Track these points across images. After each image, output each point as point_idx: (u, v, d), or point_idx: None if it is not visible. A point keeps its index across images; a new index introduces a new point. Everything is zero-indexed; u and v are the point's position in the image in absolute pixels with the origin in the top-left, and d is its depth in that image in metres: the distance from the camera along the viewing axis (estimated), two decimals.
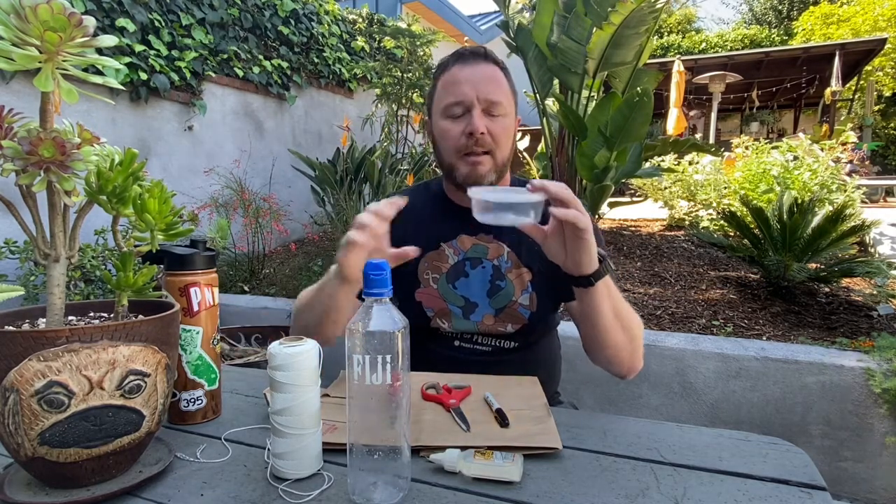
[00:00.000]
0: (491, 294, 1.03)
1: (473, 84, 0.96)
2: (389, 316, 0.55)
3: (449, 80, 0.99)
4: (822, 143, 4.28)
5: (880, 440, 1.74)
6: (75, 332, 0.52)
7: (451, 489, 0.59)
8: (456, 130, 0.98)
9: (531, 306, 1.03)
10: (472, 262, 1.04)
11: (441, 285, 1.04)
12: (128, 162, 0.58)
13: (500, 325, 1.03)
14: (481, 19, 10.60)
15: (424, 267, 1.05)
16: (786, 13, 18.59)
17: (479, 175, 0.98)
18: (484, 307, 1.03)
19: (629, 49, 3.13)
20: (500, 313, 1.03)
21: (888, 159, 13.24)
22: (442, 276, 1.04)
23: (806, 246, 2.62)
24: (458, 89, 0.97)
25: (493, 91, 0.97)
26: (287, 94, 4.58)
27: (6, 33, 0.49)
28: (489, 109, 0.97)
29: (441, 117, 1.00)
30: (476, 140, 0.96)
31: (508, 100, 0.99)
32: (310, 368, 0.60)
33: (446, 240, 1.05)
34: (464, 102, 0.96)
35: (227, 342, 2.40)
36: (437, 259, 1.05)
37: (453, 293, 1.04)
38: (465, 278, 1.04)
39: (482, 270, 1.03)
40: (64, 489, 0.57)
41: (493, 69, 0.99)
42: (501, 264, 1.03)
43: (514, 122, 1.02)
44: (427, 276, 1.05)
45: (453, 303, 1.04)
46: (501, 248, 1.04)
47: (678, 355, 1.96)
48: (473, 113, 0.95)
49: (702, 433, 0.73)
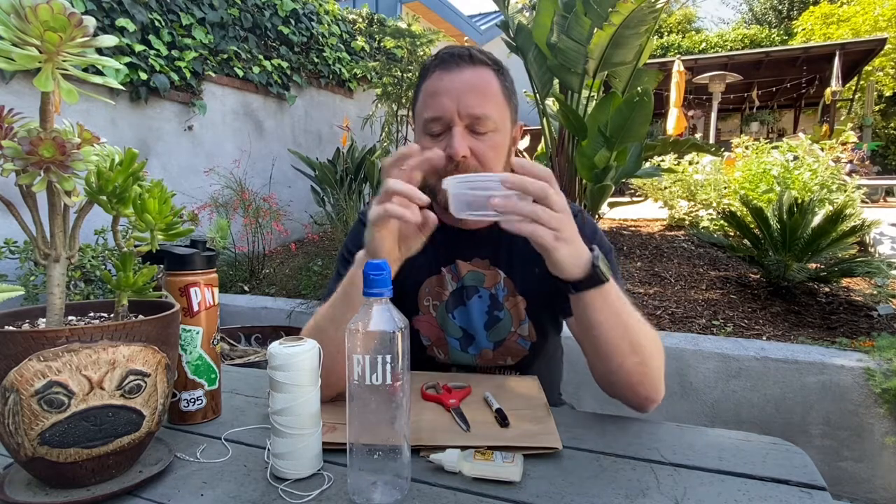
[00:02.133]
0: (489, 326, 0.96)
1: (454, 96, 0.82)
2: (389, 316, 0.55)
3: (429, 90, 0.86)
4: (822, 143, 4.28)
5: (880, 440, 1.74)
6: (75, 332, 0.52)
7: (451, 489, 0.58)
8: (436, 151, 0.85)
9: (530, 336, 0.96)
10: (469, 291, 0.96)
11: (440, 314, 0.97)
12: (128, 162, 0.58)
13: (499, 358, 0.97)
14: (481, 19, 10.61)
15: (425, 293, 0.98)
16: (786, 13, 18.60)
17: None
18: (482, 340, 0.97)
19: (629, 49, 3.13)
20: (498, 347, 0.96)
21: (888, 159, 13.25)
22: (441, 305, 0.97)
23: (806, 246, 2.62)
24: (436, 102, 0.83)
25: (477, 104, 0.82)
26: (287, 94, 4.58)
27: (6, 33, 0.49)
28: (473, 126, 0.83)
29: (421, 133, 0.87)
30: (457, 165, 0.82)
31: (500, 110, 0.85)
32: (309, 368, 0.60)
33: (445, 264, 0.96)
34: (443, 119, 0.83)
35: (227, 342, 2.40)
36: (439, 285, 0.97)
37: (452, 323, 0.97)
38: (463, 307, 0.97)
39: (479, 300, 0.96)
40: (64, 489, 0.57)
41: (480, 74, 0.85)
42: (499, 293, 0.96)
43: (506, 136, 0.88)
44: (427, 303, 0.98)
45: (451, 334, 0.97)
46: (498, 276, 0.95)
47: (678, 355, 1.96)
48: (454, 132, 0.82)
49: (702, 433, 0.73)
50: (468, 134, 0.84)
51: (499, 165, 0.87)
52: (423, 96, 0.87)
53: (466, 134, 0.83)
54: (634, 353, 0.75)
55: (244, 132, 4.28)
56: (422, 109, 0.87)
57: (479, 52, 0.88)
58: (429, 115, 0.85)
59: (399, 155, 0.73)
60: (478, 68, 0.85)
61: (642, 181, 4.35)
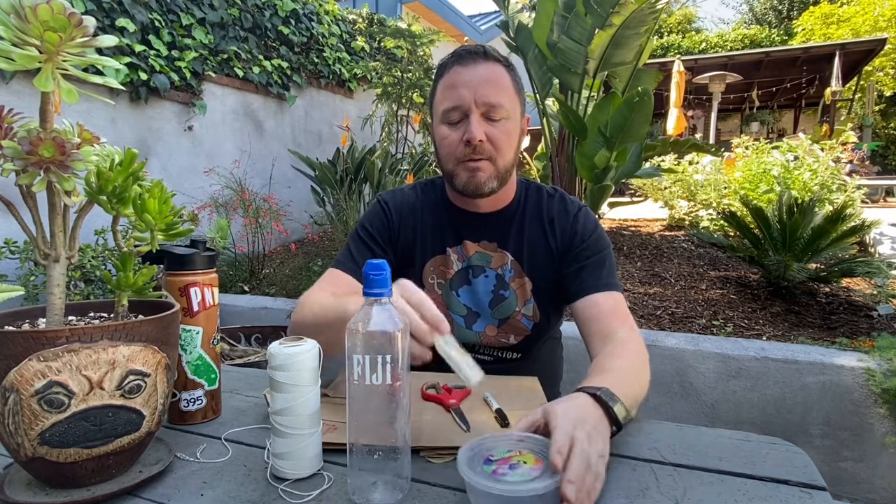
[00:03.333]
0: (493, 304, 1.01)
1: (471, 87, 0.90)
2: (389, 316, 0.55)
3: (447, 83, 0.94)
4: (822, 143, 4.28)
5: (880, 440, 1.74)
6: (75, 332, 0.52)
7: (451, 489, 0.58)
8: (454, 137, 0.93)
9: (534, 317, 1.01)
10: (476, 271, 1.01)
11: (445, 292, 1.02)
12: (128, 162, 0.58)
13: (502, 336, 1.01)
14: (481, 19, 10.60)
15: (430, 271, 1.03)
16: (786, 13, 18.60)
17: (479, 182, 0.93)
18: (486, 317, 1.01)
19: (629, 49, 3.13)
20: (502, 324, 1.01)
21: (888, 159, 13.24)
22: (446, 283, 1.02)
23: (806, 246, 2.62)
24: (454, 93, 0.92)
25: (492, 93, 0.91)
26: (287, 94, 4.57)
27: (6, 33, 0.49)
28: (488, 113, 0.91)
29: (440, 122, 0.95)
30: (474, 148, 0.91)
31: (511, 101, 0.93)
32: (309, 368, 0.60)
33: (451, 245, 1.02)
34: (461, 107, 0.91)
35: (227, 342, 2.40)
36: (443, 264, 1.02)
37: (456, 301, 1.02)
38: (468, 286, 1.02)
39: (485, 279, 1.01)
40: (64, 489, 0.57)
41: (493, 68, 0.93)
42: (505, 273, 1.00)
43: (517, 124, 0.96)
44: (432, 281, 1.03)
45: (456, 311, 1.02)
46: (505, 257, 1.00)
47: (678, 355, 1.96)
48: (471, 119, 0.90)
49: (702, 433, 0.73)
50: (484, 121, 0.91)
51: (510, 149, 0.94)
52: (442, 89, 0.95)
53: (482, 121, 0.91)
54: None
55: (244, 132, 4.28)
56: (440, 101, 0.94)
57: (492, 50, 0.96)
58: (448, 106, 0.92)
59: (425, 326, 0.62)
60: (491, 63, 0.93)
61: (642, 181, 4.35)
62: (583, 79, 3.30)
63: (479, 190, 0.93)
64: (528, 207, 1.02)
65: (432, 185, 1.10)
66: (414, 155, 4.44)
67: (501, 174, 0.94)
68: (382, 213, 1.05)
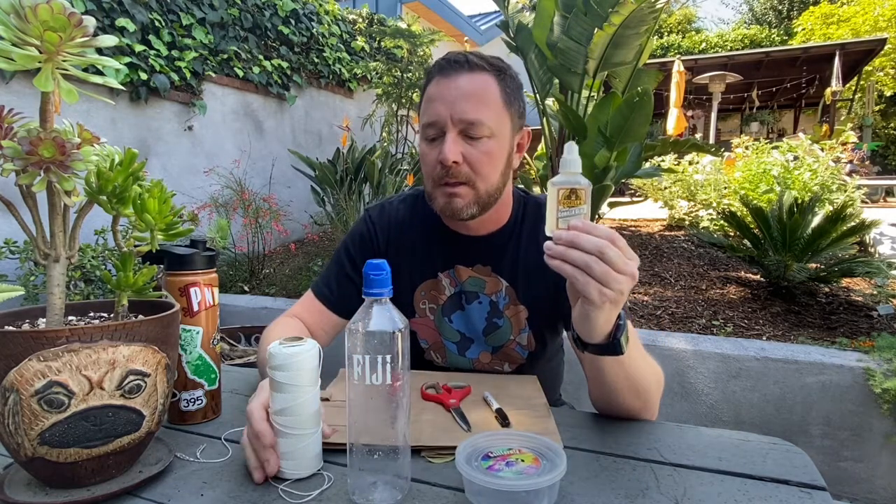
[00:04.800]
0: (487, 332, 0.96)
1: (448, 102, 0.82)
2: (389, 316, 0.55)
3: (427, 96, 0.86)
4: (822, 143, 4.28)
5: (880, 440, 1.74)
6: (75, 332, 0.52)
7: (451, 489, 0.58)
8: (431, 156, 0.84)
9: (529, 346, 0.96)
10: (469, 296, 0.96)
11: (437, 317, 0.97)
12: (128, 162, 0.58)
13: (496, 364, 0.97)
14: (481, 19, 10.60)
15: (420, 296, 0.98)
16: (786, 13, 18.60)
17: (456, 208, 0.84)
18: (480, 344, 0.97)
19: (629, 49, 3.12)
20: (496, 352, 0.97)
21: (888, 159, 13.25)
22: (438, 308, 0.97)
23: (806, 246, 2.62)
24: (431, 108, 0.84)
25: (471, 109, 0.81)
26: (287, 94, 4.57)
27: (6, 33, 0.49)
28: (467, 131, 0.82)
29: (421, 138, 0.88)
30: (447, 171, 0.82)
31: (497, 116, 0.83)
32: (309, 368, 0.60)
33: (443, 269, 0.96)
34: (437, 124, 0.83)
35: (227, 342, 2.40)
36: (434, 289, 0.97)
37: (449, 327, 0.97)
38: (461, 312, 0.96)
39: (479, 306, 0.95)
40: (64, 489, 0.57)
41: (476, 80, 0.83)
42: (499, 300, 0.95)
43: (505, 142, 0.86)
44: (423, 306, 0.98)
45: (448, 338, 0.98)
46: (500, 284, 0.94)
47: (678, 355, 1.96)
48: (447, 137, 0.82)
49: (702, 433, 0.73)
50: (462, 139, 0.83)
51: (493, 171, 0.85)
52: (423, 102, 0.88)
53: (460, 140, 0.83)
54: (638, 398, 0.75)
55: (244, 132, 4.28)
56: (421, 115, 0.88)
57: (480, 58, 0.86)
58: (425, 121, 0.86)
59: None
60: (475, 74, 0.84)
61: (642, 181, 4.35)
62: (583, 79, 3.30)
63: (456, 216, 0.86)
64: (524, 228, 0.96)
65: (422, 201, 1.00)
66: (414, 155, 4.44)
67: (483, 199, 0.85)
68: (367, 233, 1.00)
